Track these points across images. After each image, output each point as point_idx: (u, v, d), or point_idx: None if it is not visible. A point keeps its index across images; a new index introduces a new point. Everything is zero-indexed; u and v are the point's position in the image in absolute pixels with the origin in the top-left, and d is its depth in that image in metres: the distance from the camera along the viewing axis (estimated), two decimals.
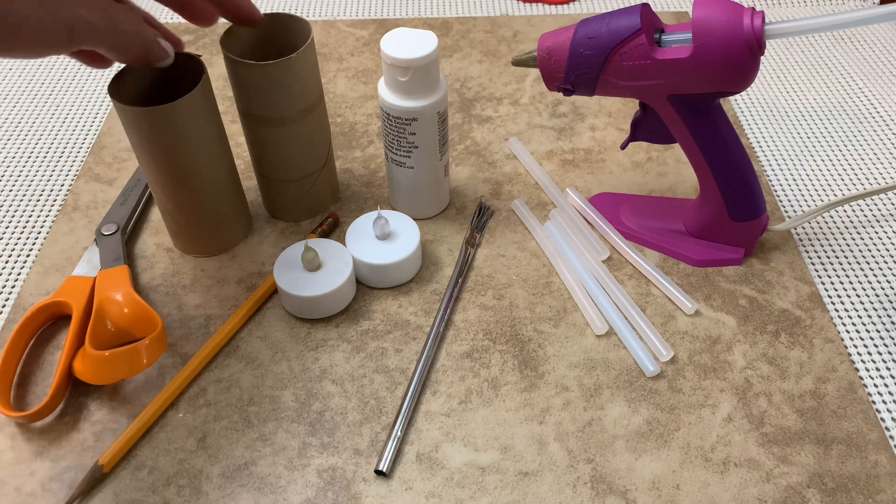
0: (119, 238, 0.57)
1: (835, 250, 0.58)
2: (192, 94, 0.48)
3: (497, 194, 0.62)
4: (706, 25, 0.45)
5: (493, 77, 0.73)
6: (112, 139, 0.67)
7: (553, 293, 0.54)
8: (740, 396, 0.48)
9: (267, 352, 0.51)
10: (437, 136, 0.54)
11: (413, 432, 0.47)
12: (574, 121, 0.68)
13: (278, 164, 0.56)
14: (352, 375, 0.50)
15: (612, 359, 0.50)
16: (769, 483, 0.44)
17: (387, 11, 0.84)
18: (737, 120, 0.69)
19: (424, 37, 0.51)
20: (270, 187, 0.58)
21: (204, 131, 0.50)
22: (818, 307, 0.53)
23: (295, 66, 0.50)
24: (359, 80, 0.73)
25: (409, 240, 0.54)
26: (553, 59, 0.49)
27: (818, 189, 0.63)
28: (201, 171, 0.52)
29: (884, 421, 0.48)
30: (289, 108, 0.52)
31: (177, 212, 0.54)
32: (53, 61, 0.77)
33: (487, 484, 0.45)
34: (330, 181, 0.60)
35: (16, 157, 0.67)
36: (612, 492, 0.44)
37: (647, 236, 0.57)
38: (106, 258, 0.55)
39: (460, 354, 0.51)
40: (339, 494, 0.44)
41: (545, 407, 0.48)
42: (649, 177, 0.63)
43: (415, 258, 0.54)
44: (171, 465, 0.46)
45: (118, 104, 0.47)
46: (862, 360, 0.51)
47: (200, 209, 0.54)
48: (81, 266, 0.55)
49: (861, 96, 0.71)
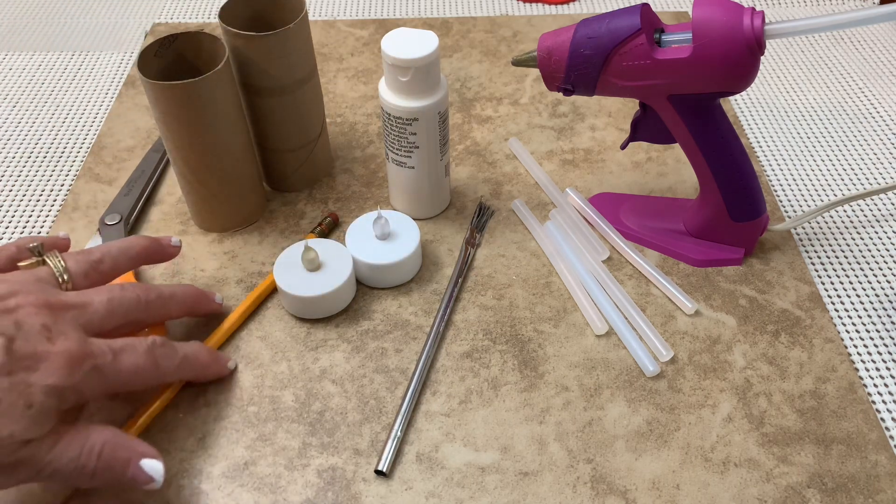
0: (122, 228, 0.57)
1: (835, 250, 0.58)
2: (219, 68, 0.50)
3: (497, 194, 0.62)
4: (706, 25, 0.45)
5: (493, 77, 0.73)
6: (112, 139, 0.67)
7: (553, 293, 0.54)
8: (740, 396, 0.48)
9: (267, 352, 0.51)
10: (437, 136, 0.54)
11: (413, 432, 0.47)
12: (574, 121, 0.68)
13: (278, 134, 0.58)
14: (352, 375, 0.50)
15: (612, 359, 0.50)
16: (769, 483, 0.44)
17: (387, 11, 0.84)
18: (737, 120, 0.69)
19: (425, 37, 0.51)
20: (270, 158, 0.60)
21: (228, 105, 0.53)
22: (818, 307, 0.53)
23: (292, 36, 0.53)
24: (359, 80, 0.73)
25: (409, 240, 0.54)
26: (553, 59, 0.49)
27: (818, 189, 0.63)
28: (226, 143, 0.54)
29: (884, 421, 0.48)
30: (287, 78, 0.55)
31: (201, 186, 0.56)
32: (53, 61, 0.77)
33: (487, 484, 0.45)
34: (325, 151, 0.62)
35: (16, 157, 0.67)
36: (612, 492, 0.44)
37: (647, 236, 0.57)
38: None
39: (460, 354, 0.51)
40: (339, 494, 0.44)
41: (545, 407, 0.48)
42: (649, 177, 0.63)
43: (415, 258, 0.54)
44: (171, 465, 0.45)
45: (154, 82, 0.49)
46: (862, 360, 0.51)
47: (225, 182, 0.56)
48: None
49: (861, 96, 0.71)
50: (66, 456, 0.38)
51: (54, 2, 0.86)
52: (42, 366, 0.37)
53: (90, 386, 0.39)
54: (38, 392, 0.36)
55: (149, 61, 0.51)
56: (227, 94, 0.52)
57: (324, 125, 0.61)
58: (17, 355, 0.36)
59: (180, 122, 0.51)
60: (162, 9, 0.84)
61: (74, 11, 0.84)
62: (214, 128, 0.52)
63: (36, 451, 0.37)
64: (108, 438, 0.39)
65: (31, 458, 0.37)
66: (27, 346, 0.37)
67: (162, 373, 0.43)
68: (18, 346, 0.37)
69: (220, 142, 0.53)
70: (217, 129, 0.52)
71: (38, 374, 0.37)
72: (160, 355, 0.43)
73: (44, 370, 0.37)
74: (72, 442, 0.38)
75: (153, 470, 0.40)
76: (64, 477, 0.38)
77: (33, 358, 0.37)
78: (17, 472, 0.37)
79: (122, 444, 0.40)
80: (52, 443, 0.37)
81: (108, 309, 0.42)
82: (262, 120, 0.57)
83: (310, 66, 0.56)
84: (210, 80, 0.50)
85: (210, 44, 0.53)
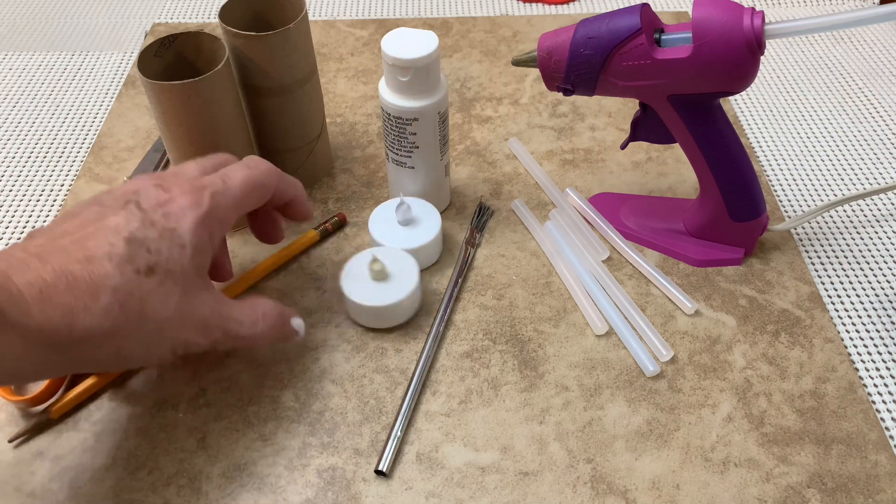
0: None
1: (835, 250, 0.58)
2: (219, 68, 0.50)
3: (497, 194, 0.62)
4: (706, 25, 0.45)
5: (493, 77, 0.73)
6: (112, 139, 0.67)
7: (553, 293, 0.54)
8: (740, 396, 0.48)
9: (267, 352, 0.51)
10: (437, 136, 0.54)
11: (413, 432, 0.47)
12: (574, 121, 0.68)
13: (278, 134, 0.58)
14: (352, 375, 0.50)
15: (612, 359, 0.50)
16: (769, 483, 0.44)
17: (387, 11, 0.84)
18: (737, 120, 0.69)
19: (425, 37, 0.51)
20: (270, 158, 0.59)
21: (228, 105, 0.53)
22: (818, 307, 0.53)
23: (292, 36, 0.53)
24: (359, 80, 0.73)
25: (431, 225, 0.55)
26: (553, 59, 0.49)
27: (818, 189, 0.63)
28: (226, 143, 0.54)
29: (884, 421, 0.48)
30: (287, 78, 0.55)
31: None
32: (53, 61, 0.77)
33: (487, 484, 0.45)
34: (325, 151, 0.62)
35: (16, 157, 0.67)
36: (612, 492, 0.44)
37: (647, 236, 0.57)
38: None
39: (460, 354, 0.51)
40: (339, 494, 0.44)
41: (545, 407, 0.48)
42: (649, 177, 0.63)
43: (437, 243, 0.55)
44: (171, 465, 0.46)
45: (154, 82, 0.49)
46: (862, 360, 0.51)
47: None
48: None
49: (861, 96, 0.71)
50: (245, 320, 0.44)
51: (54, 2, 0.86)
52: (172, 210, 0.41)
53: (221, 210, 0.43)
54: (186, 231, 0.41)
55: (149, 61, 0.51)
56: (227, 94, 0.52)
57: (324, 125, 0.61)
58: (148, 208, 0.41)
59: (180, 122, 0.51)
60: (162, 9, 0.85)
61: (74, 11, 0.85)
62: (214, 128, 0.52)
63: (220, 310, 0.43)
64: (268, 304, 0.46)
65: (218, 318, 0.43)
66: (150, 200, 0.41)
67: (267, 176, 0.46)
68: (144, 202, 0.41)
69: (220, 142, 0.53)
70: (217, 129, 0.52)
71: (173, 217, 0.41)
72: (253, 165, 0.46)
73: (177, 213, 0.41)
74: (246, 310, 0.45)
75: (299, 326, 0.48)
76: (243, 339, 0.44)
77: (162, 206, 0.41)
78: (210, 330, 0.42)
79: (277, 308, 0.46)
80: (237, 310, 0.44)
81: None
82: (262, 120, 0.58)
83: (310, 66, 0.56)
84: (210, 80, 0.50)
85: (210, 44, 0.53)
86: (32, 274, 0.37)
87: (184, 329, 0.41)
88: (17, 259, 0.37)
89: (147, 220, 0.40)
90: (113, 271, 0.38)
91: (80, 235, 0.39)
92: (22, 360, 0.36)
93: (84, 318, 0.37)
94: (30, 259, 0.37)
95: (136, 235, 0.39)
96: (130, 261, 0.39)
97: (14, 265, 0.37)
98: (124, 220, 0.40)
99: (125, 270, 0.38)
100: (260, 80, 0.55)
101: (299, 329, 0.48)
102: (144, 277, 0.39)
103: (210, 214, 0.42)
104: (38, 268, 0.37)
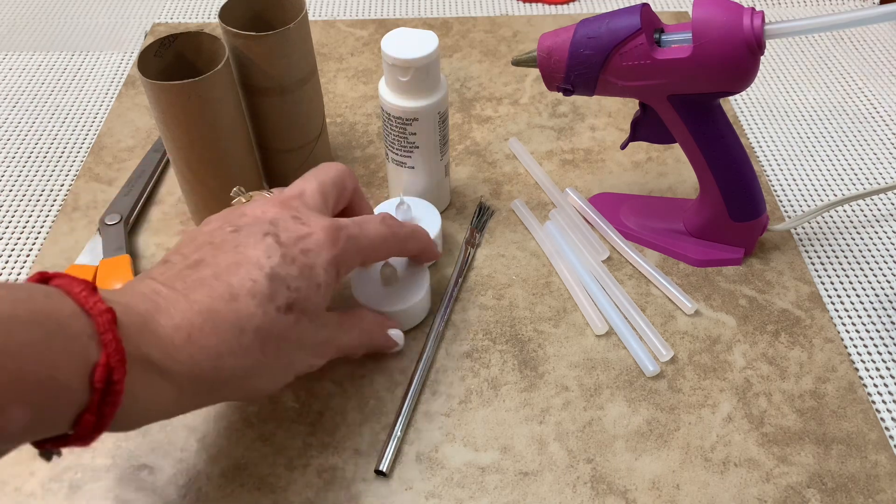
0: (122, 228, 0.57)
1: (835, 250, 0.58)
2: (219, 69, 0.50)
3: (497, 194, 0.62)
4: (706, 25, 0.45)
5: (493, 77, 0.73)
6: (112, 139, 0.67)
7: (553, 293, 0.54)
8: (740, 396, 0.48)
9: None
10: (437, 136, 0.54)
11: (413, 432, 0.47)
12: (574, 121, 0.68)
13: (278, 134, 0.58)
14: (352, 375, 0.50)
15: (611, 359, 0.50)
16: (769, 483, 0.44)
17: (387, 11, 0.84)
18: (737, 120, 0.69)
19: (425, 37, 0.51)
20: (270, 158, 0.60)
21: (228, 105, 0.53)
22: (818, 307, 0.53)
23: (292, 36, 0.53)
24: (359, 80, 0.73)
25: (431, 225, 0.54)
26: (553, 59, 0.49)
27: (818, 189, 0.63)
28: (226, 143, 0.54)
29: (884, 421, 0.48)
30: (287, 78, 0.55)
31: (201, 186, 0.55)
32: (53, 61, 0.77)
33: (487, 484, 0.45)
34: (325, 151, 0.62)
35: (16, 157, 0.67)
36: (612, 492, 0.44)
37: (647, 236, 0.57)
38: (108, 247, 0.56)
39: (460, 354, 0.51)
40: (339, 494, 0.44)
41: (545, 407, 0.48)
42: (649, 177, 0.63)
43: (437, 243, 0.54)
44: (171, 465, 0.46)
45: (154, 82, 0.49)
46: (862, 360, 0.51)
47: (225, 181, 0.55)
48: (84, 255, 0.56)
49: (861, 96, 0.71)
50: (353, 335, 0.46)
51: (54, 2, 0.86)
52: (311, 247, 0.41)
53: (350, 255, 0.43)
54: (321, 270, 0.41)
55: (149, 61, 0.51)
56: (227, 94, 0.52)
57: (324, 125, 0.61)
58: (287, 242, 0.40)
59: (180, 122, 0.51)
60: (162, 9, 0.85)
61: (74, 11, 0.85)
62: (214, 128, 0.52)
63: (335, 332, 0.44)
64: (370, 316, 0.48)
65: (333, 339, 0.44)
66: (289, 234, 0.41)
67: (399, 240, 0.47)
68: (283, 236, 0.40)
69: (220, 142, 0.53)
70: (217, 129, 0.52)
71: (311, 254, 0.41)
72: (392, 224, 0.47)
73: (315, 250, 0.41)
74: (352, 324, 0.46)
75: (398, 336, 0.49)
76: (348, 351, 0.46)
77: (300, 240, 0.41)
78: (326, 351, 0.44)
79: (378, 320, 0.48)
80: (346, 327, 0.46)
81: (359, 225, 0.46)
82: (262, 120, 0.58)
83: (310, 66, 0.56)
84: (210, 80, 0.50)
85: (210, 44, 0.53)
86: (179, 316, 0.36)
87: (309, 358, 0.43)
88: (164, 298, 0.37)
89: (288, 257, 0.40)
90: (256, 310, 0.38)
91: (220, 269, 0.39)
92: (171, 403, 0.36)
93: (229, 360, 0.37)
94: (175, 297, 0.37)
95: (277, 273, 0.39)
96: (272, 299, 0.39)
97: (161, 306, 0.36)
98: (264, 253, 0.39)
99: (268, 309, 0.38)
100: (260, 80, 0.55)
101: (398, 339, 0.49)
102: (283, 315, 0.39)
103: (342, 255, 0.42)
104: (184, 309, 0.37)
